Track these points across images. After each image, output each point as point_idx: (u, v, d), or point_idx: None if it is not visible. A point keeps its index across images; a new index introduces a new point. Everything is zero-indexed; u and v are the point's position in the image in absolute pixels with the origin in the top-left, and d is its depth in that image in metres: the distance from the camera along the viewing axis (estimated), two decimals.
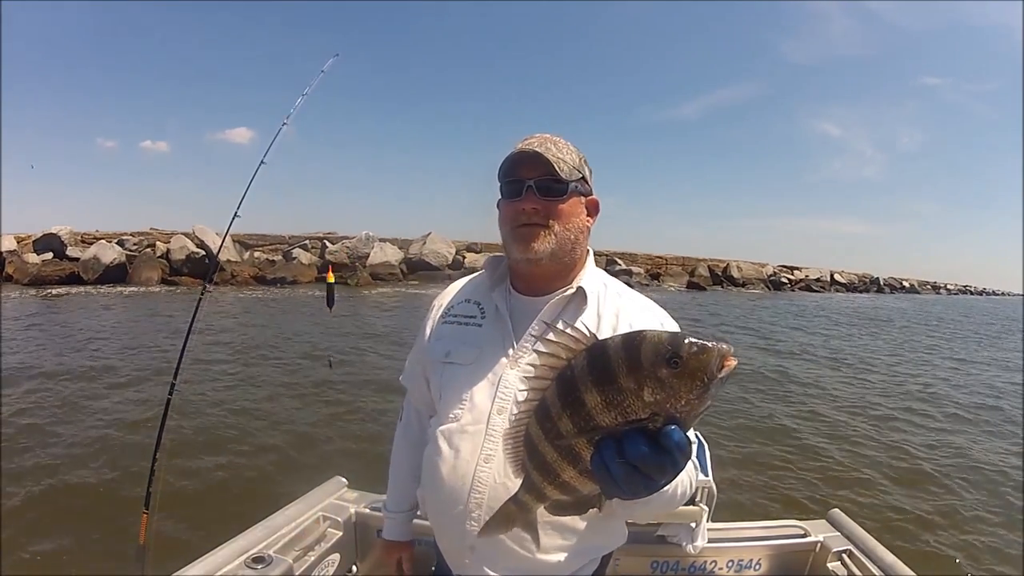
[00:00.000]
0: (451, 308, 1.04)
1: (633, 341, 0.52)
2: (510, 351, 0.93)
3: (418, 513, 1.16)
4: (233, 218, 2.33)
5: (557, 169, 0.89)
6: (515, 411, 0.63)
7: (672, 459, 0.52)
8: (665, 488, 0.77)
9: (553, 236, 0.91)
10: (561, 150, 0.92)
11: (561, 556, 0.90)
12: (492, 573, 0.90)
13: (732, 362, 0.50)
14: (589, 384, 0.53)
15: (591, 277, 0.98)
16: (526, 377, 0.60)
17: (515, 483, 0.85)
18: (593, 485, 0.59)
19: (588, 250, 1.00)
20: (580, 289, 0.95)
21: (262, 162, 2.33)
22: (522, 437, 0.62)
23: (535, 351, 0.59)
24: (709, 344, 0.50)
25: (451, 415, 0.94)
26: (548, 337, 0.57)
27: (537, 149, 0.90)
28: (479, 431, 0.90)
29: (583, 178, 0.94)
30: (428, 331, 1.05)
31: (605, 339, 0.55)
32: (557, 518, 0.86)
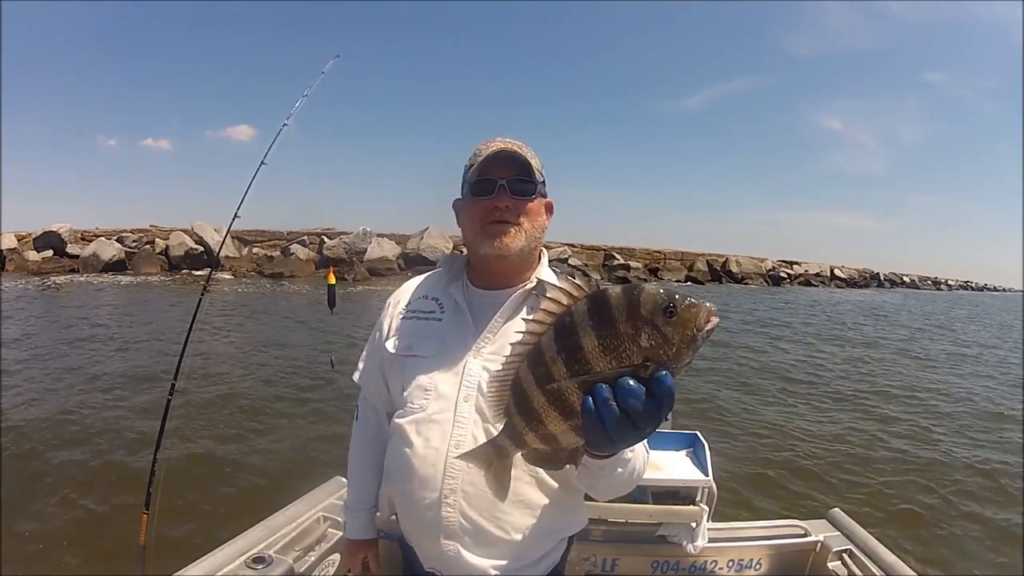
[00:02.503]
0: (409, 304, 1.05)
1: (633, 291, 0.56)
2: (472, 342, 0.95)
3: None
4: (233, 218, 2.33)
5: (532, 170, 0.94)
6: (486, 389, 0.64)
7: (660, 405, 0.55)
8: (629, 459, 0.84)
9: (523, 233, 0.95)
10: (527, 153, 0.96)
11: (531, 536, 0.93)
12: (469, 556, 0.91)
13: (715, 319, 0.55)
14: (588, 328, 0.56)
15: (548, 274, 1.03)
16: (524, 319, 0.62)
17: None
18: (575, 437, 0.61)
19: (543, 250, 1.05)
20: (540, 282, 0.99)
21: (263, 163, 2.33)
22: (509, 380, 0.63)
23: (540, 296, 0.61)
24: (698, 301, 0.56)
25: (417, 405, 0.95)
26: (552, 284, 0.59)
27: (508, 149, 0.94)
28: (447, 419, 0.92)
29: (544, 181, 1.00)
30: (386, 328, 1.05)
31: (605, 288, 0.58)
32: (524, 496, 0.91)
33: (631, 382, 0.55)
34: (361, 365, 1.12)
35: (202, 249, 18.92)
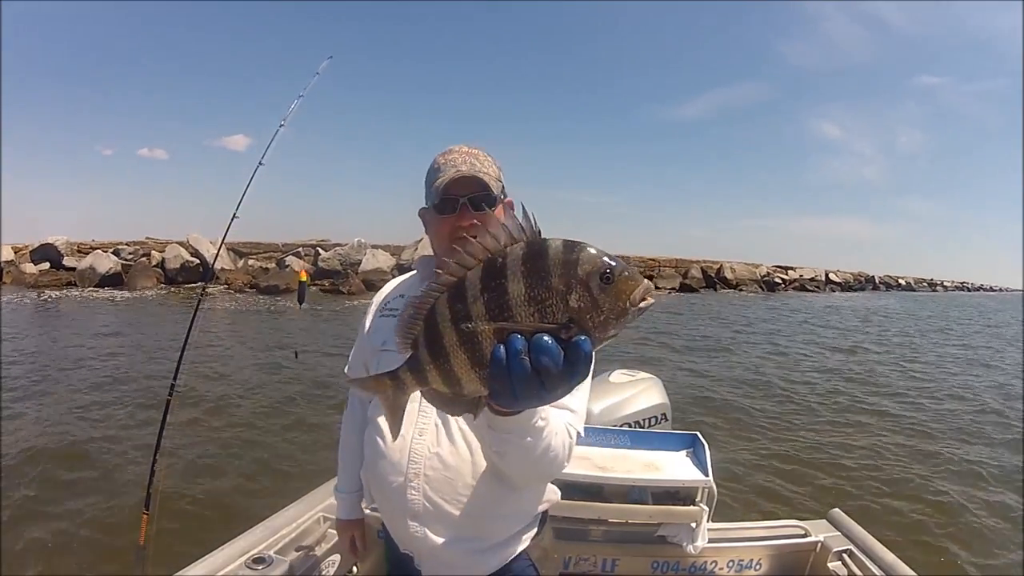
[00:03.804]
0: (386, 304, 1.13)
1: (574, 248, 0.54)
2: None
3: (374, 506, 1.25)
4: (232, 219, 2.34)
5: (490, 186, 0.97)
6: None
7: (574, 371, 0.53)
8: (542, 430, 0.81)
9: None
10: (484, 164, 1.00)
11: (495, 517, 0.98)
12: (435, 538, 0.95)
13: (651, 299, 0.54)
14: (519, 274, 0.54)
15: None
16: (453, 247, 0.58)
17: (447, 451, 0.94)
18: (478, 385, 0.58)
19: None
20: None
21: (260, 163, 2.34)
22: (425, 310, 0.60)
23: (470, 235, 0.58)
24: (639, 276, 0.54)
25: None
26: (496, 220, 0.57)
27: (467, 170, 0.97)
28: (413, 409, 0.97)
29: (503, 186, 1.02)
30: (367, 325, 1.14)
31: (547, 238, 0.55)
32: (485, 478, 0.95)
33: (548, 339, 0.52)
34: (350, 360, 1.20)
35: (198, 262, 18.94)
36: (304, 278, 2.26)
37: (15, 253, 18.85)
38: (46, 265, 18.57)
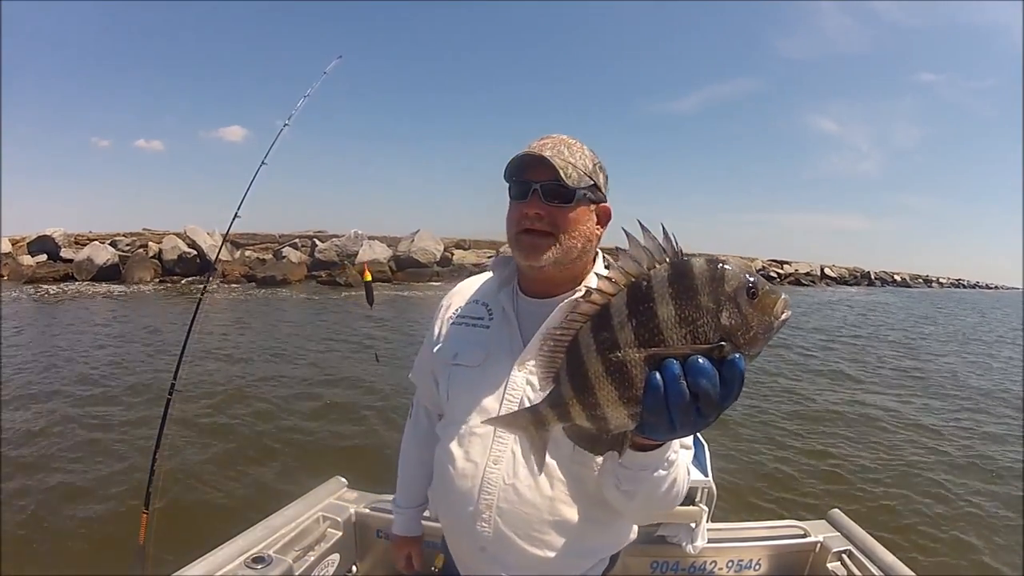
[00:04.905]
0: (460, 309, 1.03)
1: (718, 266, 0.53)
2: (517, 353, 0.92)
3: (425, 514, 1.18)
4: (233, 219, 2.33)
5: (564, 175, 0.85)
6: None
7: (730, 391, 0.51)
8: (674, 462, 0.76)
9: (558, 245, 0.87)
10: (574, 154, 0.89)
11: (568, 556, 0.90)
12: (502, 572, 0.89)
13: (789, 312, 0.53)
14: (668, 296, 0.52)
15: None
16: (597, 275, 0.57)
17: (524, 483, 0.86)
18: (626, 419, 0.56)
19: (597, 252, 0.98)
20: (589, 290, 0.94)
21: (263, 163, 2.34)
22: (566, 342, 0.57)
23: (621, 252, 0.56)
24: (778, 288, 0.53)
25: (460, 417, 0.94)
26: (636, 241, 0.54)
27: (546, 153, 0.86)
28: (488, 433, 0.90)
29: (595, 185, 0.90)
30: (437, 331, 1.04)
31: (689, 257, 0.54)
32: (561, 515, 0.87)
33: (704, 361, 0.51)
34: (416, 364, 1.11)
35: (195, 253, 18.94)
36: (369, 277, 2.22)
37: (12, 245, 18.84)
38: (43, 257, 18.57)
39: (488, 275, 1.05)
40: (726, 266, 0.53)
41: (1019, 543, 3.39)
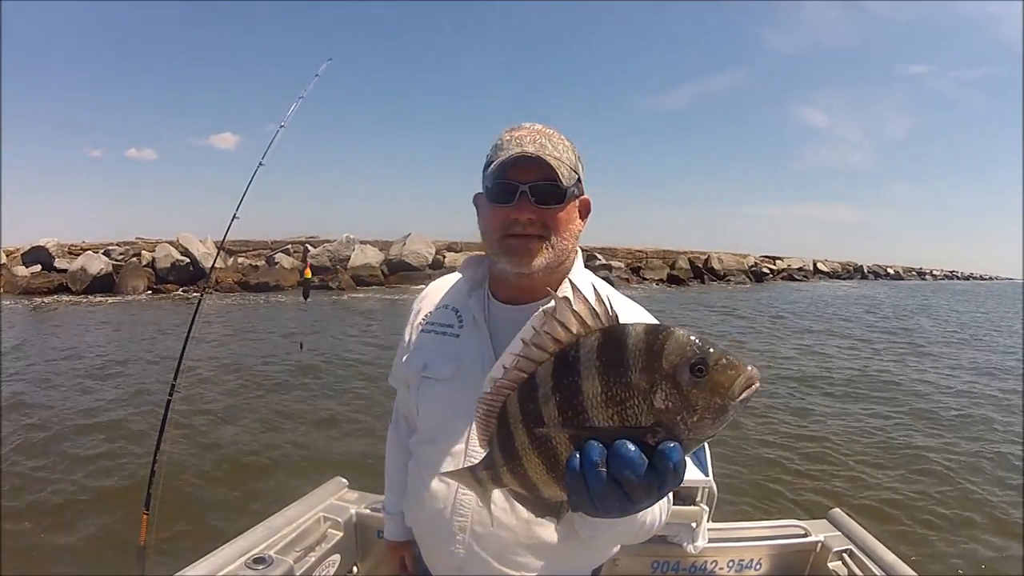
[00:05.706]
0: (429, 314, 0.97)
1: (659, 334, 0.46)
2: (489, 366, 0.85)
3: None
4: (232, 220, 2.34)
5: (559, 175, 0.78)
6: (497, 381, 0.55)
7: (661, 483, 0.45)
8: (640, 521, 0.72)
9: (550, 249, 0.81)
10: (558, 148, 0.81)
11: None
12: None
13: (756, 385, 0.45)
14: (594, 370, 0.46)
15: (580, 279, 0.88)
16: (523, 339, 0.52)
17: (499, 507, 0.82)
18: (557, 490, 0.52)
19: (576, 251, 0.91)
20: (563, 299, 0.91)
21: (261, 163, 2.34)
22: (497, 408, 0.54)
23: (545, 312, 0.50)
24: (739, 361, 0.45)
25: (431, 435, 0.92)
26: (565, 304, 0.49)
27: (535, 150, 0.78)
28: (459, 452, 0.86)
29: (579, 179, 0.84)
30: (407, 338, 0.98)
31: (626, 324, 0.48)
32: (538, 538, 0.84)
33: (631, 448, 0.44)
34: (393, 368, 1.06)
35: (188, 261, 18.99)
36: (309, 275, 2.25)
37: (7, 256, 18.89)
38: (38, 267, 18.64)
39: (454, 278, 0.98)
40: (669, 336, 0.45)
41: (1020, 543, 3.39)
